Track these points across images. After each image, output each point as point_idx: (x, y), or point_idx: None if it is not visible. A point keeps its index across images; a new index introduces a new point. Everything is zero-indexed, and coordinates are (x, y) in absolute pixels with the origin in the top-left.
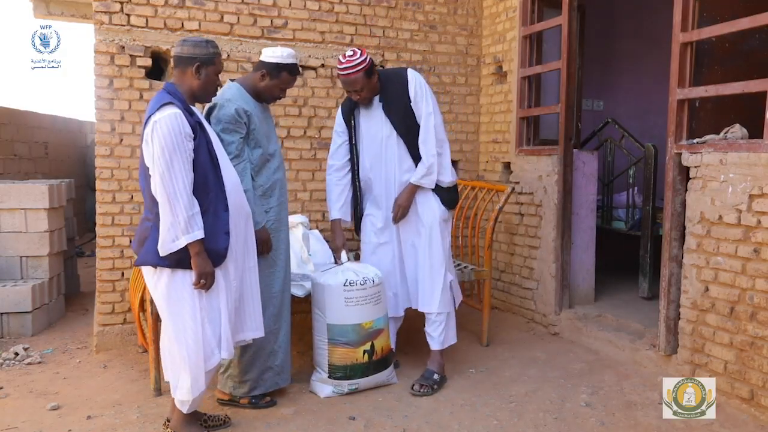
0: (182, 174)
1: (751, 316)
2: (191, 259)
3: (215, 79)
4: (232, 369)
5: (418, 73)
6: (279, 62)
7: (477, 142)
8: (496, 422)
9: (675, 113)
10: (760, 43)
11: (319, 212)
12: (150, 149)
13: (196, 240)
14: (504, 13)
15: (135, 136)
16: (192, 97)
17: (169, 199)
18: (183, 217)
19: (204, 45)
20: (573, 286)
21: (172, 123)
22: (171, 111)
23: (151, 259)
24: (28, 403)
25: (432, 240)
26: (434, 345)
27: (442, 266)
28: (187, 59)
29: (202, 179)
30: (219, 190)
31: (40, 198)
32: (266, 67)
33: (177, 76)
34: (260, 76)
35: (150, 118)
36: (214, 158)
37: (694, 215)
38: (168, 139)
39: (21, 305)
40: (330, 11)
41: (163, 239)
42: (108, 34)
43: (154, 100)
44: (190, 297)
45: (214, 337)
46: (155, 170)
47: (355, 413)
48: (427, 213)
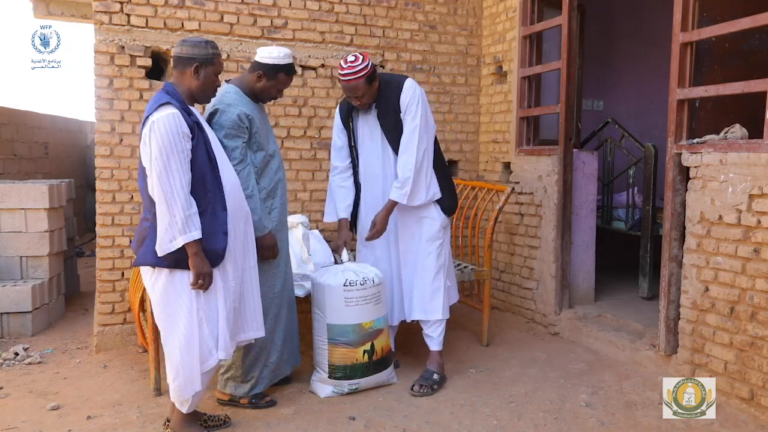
0: (179, 174)
1: (751, 316)
2: (189, 260)
3: (214, 80)
4: (234, 370)
5: (415, 84)
6: (275, 63)
7: (477, 142)
8: (496, 422)
9: (675, 113)
10: (760, 43)
11: (319, 212)
12: (147, 149)
13: (194, 240)
14: (504, 13)
15: (135, 136)
16: (191, 97)
17: (167, 199)
18: (180, 217)
19: (203, 45)
20: (573, 286)
21: (169, 123)
22: (169, 111)
23: (149, 259)
24: (28, 403)
25: (432, 250)
26: (433, 346)
27: (442, 274)
28: (186, 59)
29: (200, 179)
30: (217, 190)
31: (40, 198)
32: (262, 68)
33: (176, 76)
34: (256, 77)
35: (148, 118)
36: (212, 158)
37: (694, 215)
38: (165, 138)
39: (21, 305)
40: (330, 11)
41: (161, 239)
42: (108, 34)
43: (152, 100)
44: (188, 297)
45: (212, 338)
46: (152, 170)
47: (355, 413)
48: (426, 223)
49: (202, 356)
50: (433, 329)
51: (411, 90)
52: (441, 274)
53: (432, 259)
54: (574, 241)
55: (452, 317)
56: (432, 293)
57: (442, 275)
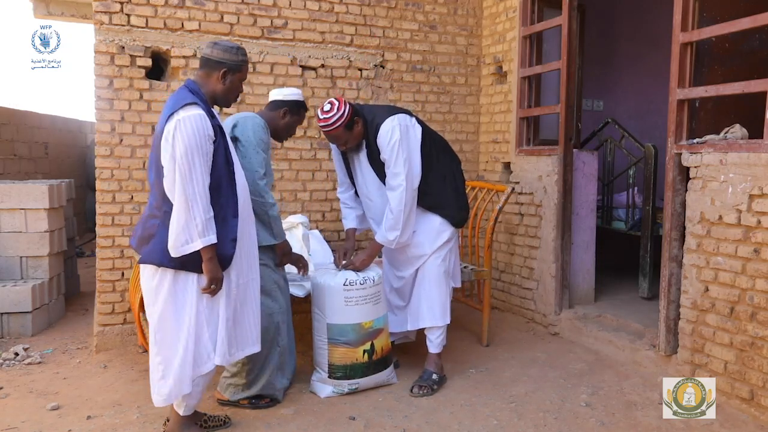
0: (203, 176)
1: (751, 316)
2: (203, 264)
3: (239, 86)
4: (238, 378)
5: (392, 127)
6: (298, 99)
7: (477, 142)
8: (496, 422)
9: (675, 113)
10: (760, 43)
11: (319, 212)
12: (170, 147)
13: (211, 245)
14: (504, 13)
15: (135, 136)
16: (213, 100)
17: (188, 200)
18: (201, 220)
19: (234, 52)
20: (573, 286)
21: (196, 123)
22: (196, 111)
23: (156, 258)
24: (28, 403)
25: (433, 266)
26: (432, 348)
27: (444, 283)
28: (215, 63)
29: (216, 184)
30: (231, 196)
31: (40, 198)
32: (288, 105)
33: (201, 77)
34: (282, 114)
35: (172, 115)
36: (230, 163)
37: (694, 215)
38: (193, 139)
39: (21, 305)
40: (330, 11)
41: (176, 241)
42: (108, 34)
43: (176, 96)
44: (191, 300)
45: (211, 342)
46: (176, 169)
47: (355, 413)
48: (425, 243)
49: (198, 360)
50: (434, 332)
51: (385, 135)
52: (444, 285)
53: (436, 273)
54: (574, 241)
55: (452, 317)
56: (434, 301)
57: (444, 285)
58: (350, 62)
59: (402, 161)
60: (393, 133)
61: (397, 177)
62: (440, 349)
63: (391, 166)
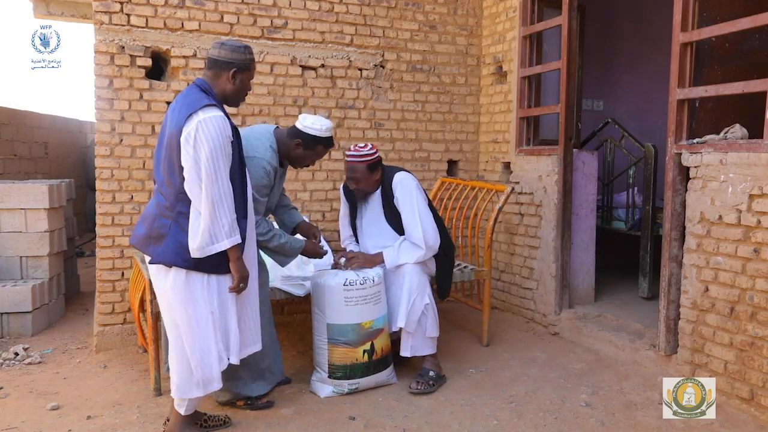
0: (227, 178)
1: (751, 316)
2: (231, 263)
3: (248, 86)
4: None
5: (404, 178)
6: (317, 135)
7: (477, 142)
8: (496, 422)
9: (675, 113)
10: (760, 43)
11: (319, 212)
12: (192, 149)
13: (237, 245)
14: (504, 13)
15: (135, 136)
16: (224, 99)
17: (214, 201)
18: (228, 221)
19: (242, 51)
20: (573, 286)
21: (219, 125)
22: (217, 113)
23: (169, 258)
24: (28, 403)
25: (412, 276)
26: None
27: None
28: (224, 63)
29: (231, 184)
30: (242, 197)
31: (40, 198)
32: (302, 137)
33: (210, 77)
34: (295, 145)
35: (191, 115)
36: (242, 164)
37: (694, 215)
38: (218, 141)
39: (21, 305)
40: (330, 11)
41: (202, 241)
42: (108, 34)
43: (190, 96)
44: (203, 300)
45: (223, 341)
46: (202, 171)
47: (355, 413)
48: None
49: (214, 359)
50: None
51: (399, 184)
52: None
53: (413, 280)
54: (574, 241)
55: (452, 317)
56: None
57: (419, 292)
58: (350, 62)
59: (415, 201)
60: (404, 183)
61: (413, 210)
62: (434, 350)
63: (407, 206)
